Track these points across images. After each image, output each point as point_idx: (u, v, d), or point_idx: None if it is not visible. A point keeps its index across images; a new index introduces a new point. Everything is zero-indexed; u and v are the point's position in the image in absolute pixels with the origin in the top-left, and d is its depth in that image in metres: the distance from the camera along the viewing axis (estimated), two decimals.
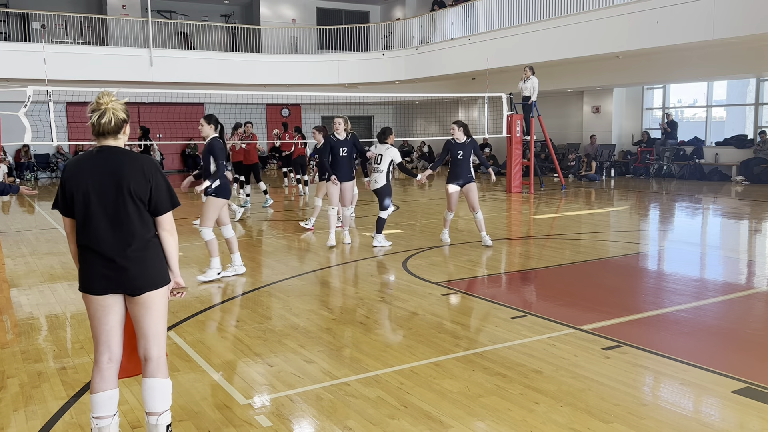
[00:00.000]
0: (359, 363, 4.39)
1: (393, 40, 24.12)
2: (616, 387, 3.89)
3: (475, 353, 4.52)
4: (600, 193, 15.60)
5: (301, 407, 3.71)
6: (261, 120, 26.19)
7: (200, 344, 4.83)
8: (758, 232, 9.98)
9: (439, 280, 6.77)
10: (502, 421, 3.48)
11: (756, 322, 5.28)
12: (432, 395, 3.83)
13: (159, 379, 3.02)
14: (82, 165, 2.94)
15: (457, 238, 9.27)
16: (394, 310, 5.66)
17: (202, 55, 21.46)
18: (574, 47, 16.08)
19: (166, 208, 3.02)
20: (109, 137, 2.98)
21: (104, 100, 2.95)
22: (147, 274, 2.95)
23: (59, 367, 4.41)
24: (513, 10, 18.37)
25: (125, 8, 23.13)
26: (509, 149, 15.98)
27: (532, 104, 15.38)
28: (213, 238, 6.88)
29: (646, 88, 20.87)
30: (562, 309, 5.68)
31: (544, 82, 17.12)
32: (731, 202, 13.42)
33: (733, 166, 17.73)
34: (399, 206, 13.23)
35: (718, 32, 13.02)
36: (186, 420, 3.56)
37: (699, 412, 3.59)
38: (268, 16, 25.59)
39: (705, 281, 6.91)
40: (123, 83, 19.00)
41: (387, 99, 26.50)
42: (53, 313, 5.77)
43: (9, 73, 17.78)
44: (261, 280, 6.99)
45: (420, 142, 26.45)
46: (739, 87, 19.19)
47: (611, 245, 8.84)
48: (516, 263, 7.77)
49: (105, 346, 3.01)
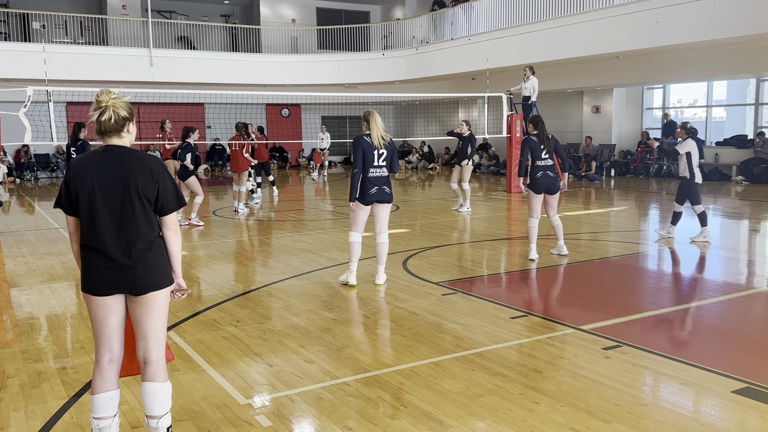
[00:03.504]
0: (359, 363, 4.39)
1: (393, 40, 24.12)
2: (616, 387, 3.89)
3: (475, 353, 4.52)
4: (600, 193, 15.60)
5: (301, 407, 3.71)
6: (261, 120, 26.20)
7: (200, 344, 4.83)
8: (758, 232, 9.98)
9: (439, 280, 6.77)
10: (502, 421, 3.48)
11: (756, 322, 5.28)
12: (432, 395, 3.82)
13: (159, 383, 3.01)
14: (88, 164, 2.92)
15: (457, 238, 9.28)
16: (394, 310, 5.66)
17: (202, 55, 21.46)
18: (574, 47, 16.08)
19: (173, 208, 3.01)
20: (113, 136, 2.96)
21: (104, 98, 2.93)
22: (151, 274, 2.94)
23: (59, 367, 4.41)
24: (513, 10, 18.37)
25: (125, 8, 23.13)
26: (509, 149, 15.98)
27: (532, 104, 15.38)
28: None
29: (646, 88, 20.88)
30: (562, 309, 5.68)
31: (544, 82, 17.12)
32: (731, 202, 13.42)
33: (733, 166, 17.74)
34: (399, 206, 13.23)
35: (718, 32, 13.02)
36: (186, 420, 3.56)
37: (699, 412, 3.59)
38: (268, 16, 25.59)
39: (705, 281, 6.91)
40: (123, 83, 18.98)
41: (387, 99, 26.50)
42: (53, 313, 5.77)
43: (9, 73, 17.79)
44: (261, 280, 7.00)
45: (420, 142, 26.45)
46: (739, 87, 19.20)
47: (611, 245, 8.84)
48: (516, 263, 7.77)
49: (106, 347, 3.00)
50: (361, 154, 6.09)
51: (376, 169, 6.17)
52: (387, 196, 6.27)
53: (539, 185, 7.58)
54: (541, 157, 7.56)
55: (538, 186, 7.59)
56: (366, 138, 6.14)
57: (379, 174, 6.20)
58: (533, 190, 7.62)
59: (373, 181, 6.17)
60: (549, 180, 7.60)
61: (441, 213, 12.27)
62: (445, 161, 25.82)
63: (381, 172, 6.21)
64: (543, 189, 7.62)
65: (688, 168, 8.62)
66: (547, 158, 7.60)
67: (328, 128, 23.15)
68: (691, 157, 8.57)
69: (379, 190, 6.21)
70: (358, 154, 6.10)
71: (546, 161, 7.59)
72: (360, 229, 6.41)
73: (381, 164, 6.17)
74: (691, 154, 8.56)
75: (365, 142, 6.11)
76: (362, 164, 6.12)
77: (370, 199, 6.22)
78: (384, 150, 6.16)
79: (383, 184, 6.23)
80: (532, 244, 7.73)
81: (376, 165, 6.15)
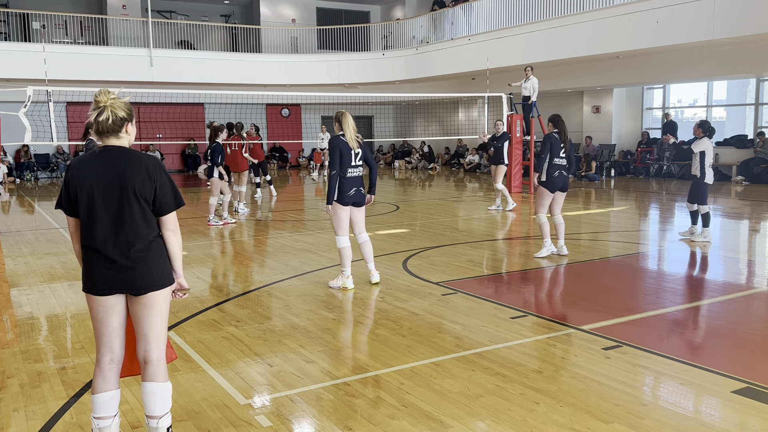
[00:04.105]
0: (359, 363, 4.39)
1: (393, 40, 24.13)
2: (616, 387, 3.89)
3: (475, 353, 4.52)
4: (600, 193, 15.60)
5: (301, 407, 3.71)
6: (261, 120, 26.21)
7: (200, 344, 4.83)
8: (758, 232, 9.98)
9: (439, 280, 6.77)
10: (502, 421, 3.48)
11: (756, 322, 5.27)
12: (432, 395, 3.82)
13: (159, 383, 3.01)
14: (87, 164, 2.92)
15: (457, 238, 9.27)
16: (394, 310, 5.66)
17: (202, 55, 21.46)
18: (574, 47, 16.09)
19: (171, 208, 3.01)
20: (111, 136, 2.95)
21: (102, 98, 2.92)
22: (150, 274, 2.94)
23: (59, 367, 4.41)
24: (513, 10, 18.38)
25: (125, 8, 23.13)
26: (509, 149, 15.95)
27: (532, 104, 15.38)
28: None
29: (646, 88, 20.88)
30: (562, 309, 5.68)
31: (544, 82, 17.12)
32: (731, 202, 13.42)
33: (733, 166, 17.73)
34: (399, 206, 13.23)
35: (718, 32, 13.02)
36: (186, 420, 3.56)
37: (699, 412, 3.59)
38: (268, 16, 25.59)
39: (705, 281, 6.91)
40: (123, 83, 18.99)
41: (387, 99, 26.50)
42: (53, 313, 5.77)
43: (9, 73, 17.79)
44: (261, 280, 7.00)
45: (420, 142, 26.45)
46: (739, 87, 19.20)
47: (611, 245, 8.84)
48: (516, 263, 7.77)
49: (107, 346, 3.00)
50: (339, 154, 6.08)
51: (354, 169, 6.19)
52: (363, 197, 6.33)
53: (555, 184, 7.62)
54: (559, 155, 7.59)
55: (554, 185, 7.62)
56: (342, 138, 6.13)
57: (357, 174, 6.24)
58: (548, 188, 7.64)
59: (351, 182, 6.18)
60: (563, 179, 7.66)
61: (441, 213, 12.27)
62: (444, 161, 25.82)
63: (358, 172, 6.24)
64: (557, 188, 7.65)
65: (700, 167, 8.58)
66: (563, 157, 7.63)
67: (328, 128, 23.15)
68: (705, 157, 8.53)
69: (357, 191, 6.24)
70: (336, 154, 6.08)
71: (562, 160, 7.63)
72: (346, 232, 6.40)
73: (358, 164, 6.20)
74: (705, 153, 8.51)
75: (342, 143, 6.10)
76: (340, 165, 6.10)
77: (349, 200, 6.23)
78: (359, 150, 6.20)
79: (360, 185, 6.28)
80: (547, 239, 7.76)
81: (353, 165, 6.17)
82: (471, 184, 18.87)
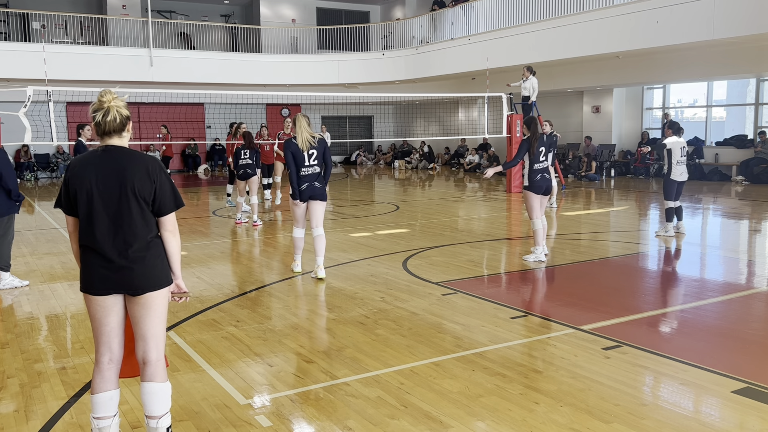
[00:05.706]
0: (359, 363, 4.39)
1: (393, 40, 24.12)
2: (616, 387, 3.89)
3: (475, 353, 4.52)
4: (600, 193, 15.60)
5: (301, 407, 3.71)
6: (261, 120, 26.20)
7: (200, 344, 4.83)
8: (758, 232, 9.99)
9: (439, 280, 6.77)
10: (502, 421, 3.48)
11: (756, 322, 5.28)
12: (432, 395, 3.82)
13: (158, 383, 3.01)
14: (87, 164, 2.93)
15: (457, 238, 9.27)
16: (394, 310, 5.66)
17: (202, 55, 21.46)
18: (574, 47, 16.08)
19: (170, 209, 3.01)
20: (114, 136, 2.96)
21: (107, 98, 2.93)
22: (148, 274, 2.94)
23: (59, 367, 4.41)
24: (513, 10, 18.37)
25: (125, 8, 23.14)
26: (509, 149, 15.97)
27: (532, 104, 15.38)
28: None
29: (646, 88, 20.88)
30: (562, 309, 5.68)
31: (544, 82, 17.12)
32: (731, 202, 13.42)
33: (733, 166, 17.73)
34: (399, 206, 13.23)
35: (718, 32, 13.02)
36: (186, 420, 3.56)
37: (699, 412, 3.59)
38: (268, 16, 25.59)
39: (705, 281, 6.91)
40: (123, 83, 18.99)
41: (387, 99, 26.51)
42: (53, 313, 5.77)
43: (9, 73, 17.78)
44: (261, 280, 7.00)
45: (420, 142, 26.45)
46: (739, 87, 19.20)
47: (611, 245, 8.84)
48: (516, 263, 7.77)
49: (106, 346, 3.00)
50: (291, 156, 6.69)
51: (307, 168, 6.74)
52: (317, 191, 6.78)
53: (539, 187, 7.59)
54: (539, 159, 7.57)
55: (538, 187, 7.59)
56: (294, 141, 6.73)
57: (310, 172, 6.76)
58: (533, 191, 7.62)
59: (304, 179, 6.74)
60: (546, 182, 7.65)
61: (441, 213, 12.27)
62: (444, 161, 25.82)
63: (312, 170, 6.76)
64: (542, 191, 7.64)
65: (668, 164, 9.01)
66: (544, 161, 7.61)
67: (328, 128, 23.15)
68: (671, 155, 8.90)
69: (309, 186, 6.74)
70: (288, 156, 6.70)
71: (543, 163, 7.60)
72: (301, 225, 7.06)
73: (312, 163, 6.75)
74: (671, 151, 8.88)
75: (293, 145, 6.70)
76: (294, 165, 6.70)
77: (303, 196, 6.77)
78: (313, 150, 6.72)
79: (314, 180, 6.77)
80: (539, 246, 7.70)
81: (306, 164, 6.72)
82: (471, 184, 18.87)
